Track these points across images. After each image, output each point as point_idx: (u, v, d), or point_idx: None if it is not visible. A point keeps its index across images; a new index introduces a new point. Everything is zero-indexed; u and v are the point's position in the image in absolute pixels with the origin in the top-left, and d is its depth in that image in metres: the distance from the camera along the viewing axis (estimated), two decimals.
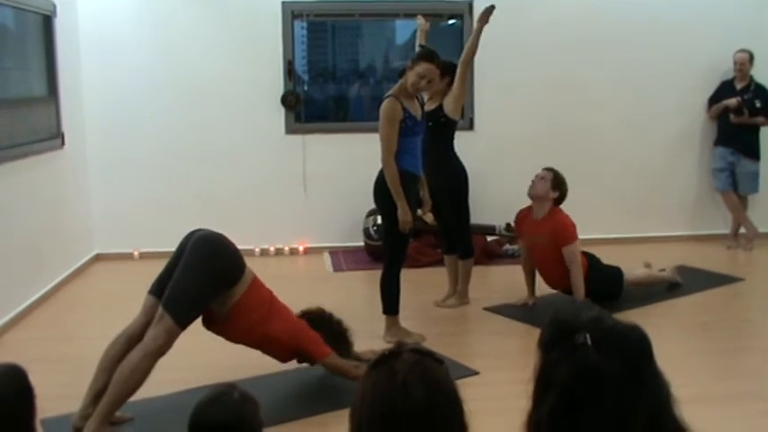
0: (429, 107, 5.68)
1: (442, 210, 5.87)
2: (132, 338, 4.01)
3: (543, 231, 5.73)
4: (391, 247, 5.25)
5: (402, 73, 5.27)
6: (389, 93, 5.14)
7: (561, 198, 5.82)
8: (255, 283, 4.20)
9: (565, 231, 5.68)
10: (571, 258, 5.64)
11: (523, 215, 5.97)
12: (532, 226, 5.84)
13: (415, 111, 5.17)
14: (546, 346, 1.71)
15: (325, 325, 4.49)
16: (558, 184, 5.79)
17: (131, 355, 3.90)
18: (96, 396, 3.93)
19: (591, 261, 5.88)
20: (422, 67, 5.07)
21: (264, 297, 4.22)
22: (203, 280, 3.99)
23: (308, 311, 4.54)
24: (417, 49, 5.63)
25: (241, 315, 4.11)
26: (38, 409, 2.11)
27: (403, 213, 5.03)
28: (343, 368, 4.34)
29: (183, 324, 3.95)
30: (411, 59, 5.15)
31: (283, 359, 4.42)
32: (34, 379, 2.10)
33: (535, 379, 1.71)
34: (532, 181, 5.84)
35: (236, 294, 4.08)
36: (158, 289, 4.08)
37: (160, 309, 3.94)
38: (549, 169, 5.85)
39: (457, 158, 5.89)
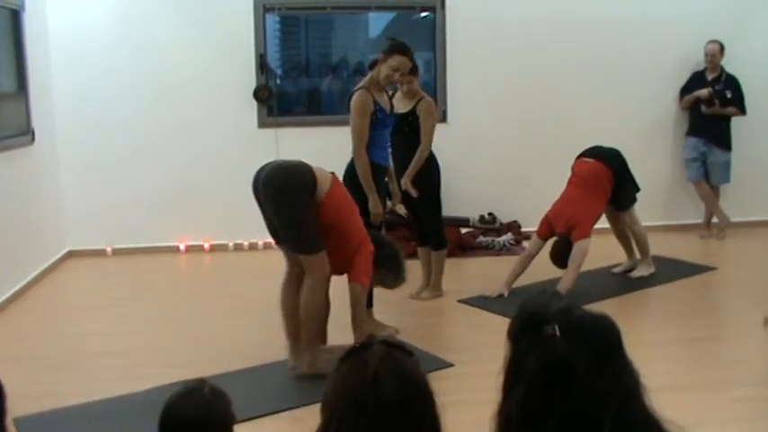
0: (401, 109, 5.67)
1: (414, 202, 5.86)
2: (291, 278, 4.49)
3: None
4: None
5: (373, 65, 5.23)
6: (360, 85, 5.11)
7: None
8: (335, 182, 4.48)
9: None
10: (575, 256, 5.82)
11: None
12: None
13: (385, 103, 5.16)
14: (515, 336, 1.71)
15: (382, 245, 4.74)
16: None
17: (303, 297, 4.36)
18: (295, 338, 4.44)
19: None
20: (395, 59, 5.05)
21: (346, 202, 4.53)
22: (296, 211, 4.30)
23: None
24: None
25: (328, 210, 4.37)
26: (9, 408, 2.08)
27: (374, 206, 5.02)
28: (358, 306, 4.56)
29: (317, 250, 4.32)
30: (383, 52, 5.11)
31: (342, 268, 4.58)
32: (6, 377, 2.07)
33: (505, 370, 1.71)
34: None
35: (319, 197, 4.34)
36: (276, 234, 4.47)
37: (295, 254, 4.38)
38: None
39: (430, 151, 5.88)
